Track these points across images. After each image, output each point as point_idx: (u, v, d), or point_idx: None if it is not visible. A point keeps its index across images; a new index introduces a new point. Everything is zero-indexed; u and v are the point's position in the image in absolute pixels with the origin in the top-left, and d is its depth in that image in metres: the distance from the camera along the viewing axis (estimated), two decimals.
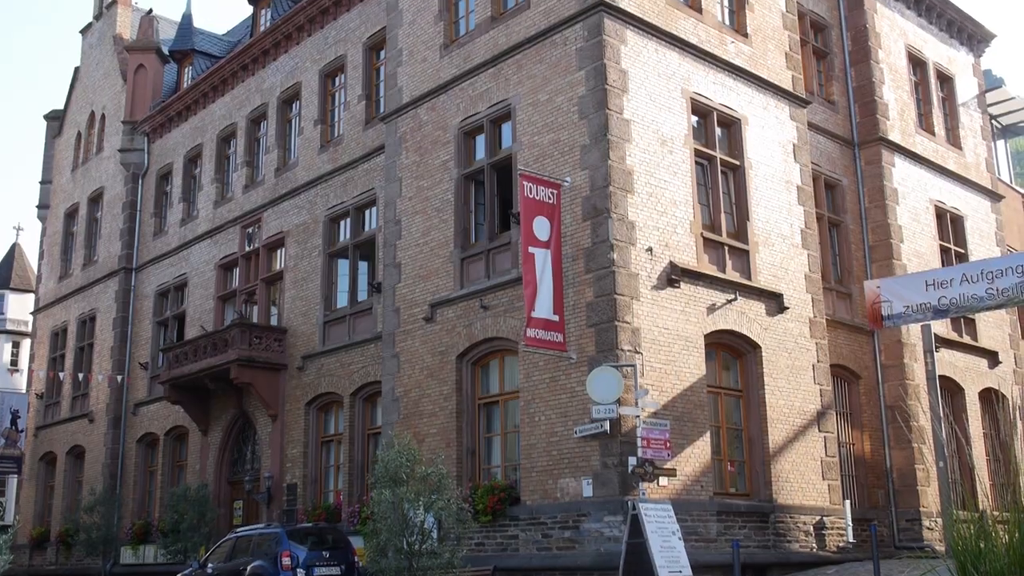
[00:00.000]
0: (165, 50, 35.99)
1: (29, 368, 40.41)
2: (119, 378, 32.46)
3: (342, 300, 25.53)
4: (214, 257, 30.15)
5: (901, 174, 24.93)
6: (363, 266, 25.30)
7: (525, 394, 18.27)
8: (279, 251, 27.93)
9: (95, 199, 36.97)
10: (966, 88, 28.65)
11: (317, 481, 25.03)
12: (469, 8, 21.59)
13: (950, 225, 26.34)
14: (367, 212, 25.24)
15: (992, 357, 25.91)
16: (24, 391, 40.53)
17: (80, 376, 34.58)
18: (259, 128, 30.04)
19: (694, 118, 19.73)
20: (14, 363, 49.65)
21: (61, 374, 35.85)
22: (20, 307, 49.07)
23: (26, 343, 46.44)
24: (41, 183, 41.14)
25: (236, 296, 29.07)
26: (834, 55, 25.33)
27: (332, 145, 26.63)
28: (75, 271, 37.33)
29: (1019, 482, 7.53)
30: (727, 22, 21.24)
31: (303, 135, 27.74)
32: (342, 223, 25.96)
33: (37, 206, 40.99)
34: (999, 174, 30.60)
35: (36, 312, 39.75)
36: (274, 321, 27.58)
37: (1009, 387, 25.41)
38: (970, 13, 28.81)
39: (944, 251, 25.75)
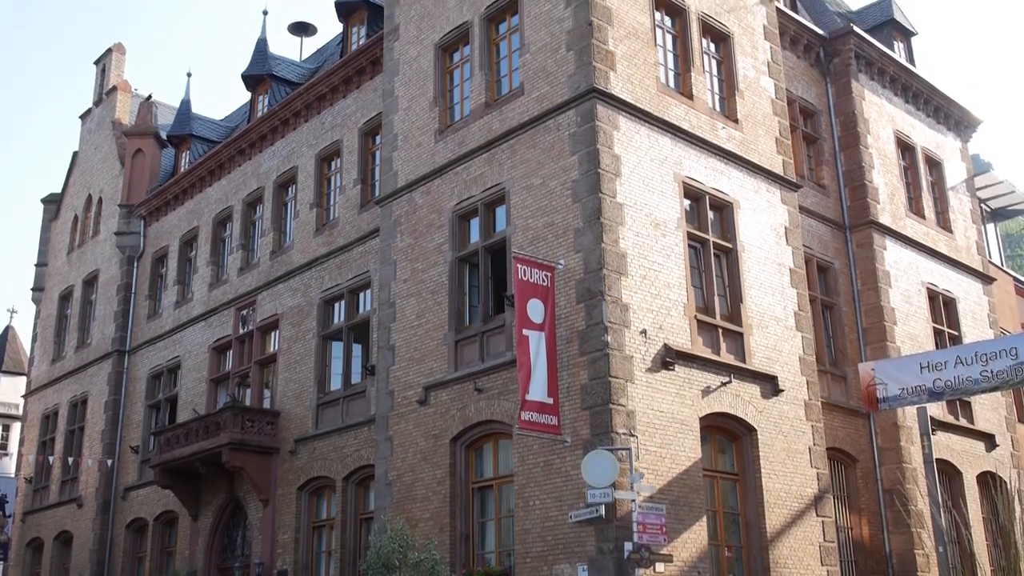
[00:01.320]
0: (163, 135, 36.40)
1: (19, 451, 39.97)
2: (109, 462, 32.11)
3: (336, 383, 25.41)
4: (208, 339, 30.09)
5: (893, 257, 25.12)
6: (357, 348, 25.25)
7: (520, 478, 18.09)
8: (273, 333, 27.89)
9: (90, 282, 37.02)
10: (955, 172, 29.05)
11: (308, 567, 24.61)
12: (464, 94, 21.94)
13: (943, 307, 26.46)
14: (361, 295, 25.29)
15: (989, 440, 25.79)
16: (13, 475, 40.00)
17: (70, 460, 34.19)
18: (255, 211, 30.25)
19: (687, 202, 19.91)
20: (3, 446, 49.11)
21: (51, 458, 35.45)
22: (12, 390, 48.74)
23: (16, 426, 46.02)
24: (36, 266, 41.26)
25: (229, 379, 28.94)
26: (824, 140, 25.71)
27: (327, 228, 26.80)
28: (68, 354, 37.18)
29: (1020, 567, 7.45)
30: (718, 108, 21.59)
31: (299, 218, 27.93)
32: (336, 305, 25.98)
33: (32, 289, 41.00)
34: (990, 257, 30.84)
35: (27, 395, 39.46)
36: (267, 404, 27.39)
37: (1007, 470, 25.23)
38: (957, 99, 29.35)
39: (937, 333, 25.82)
